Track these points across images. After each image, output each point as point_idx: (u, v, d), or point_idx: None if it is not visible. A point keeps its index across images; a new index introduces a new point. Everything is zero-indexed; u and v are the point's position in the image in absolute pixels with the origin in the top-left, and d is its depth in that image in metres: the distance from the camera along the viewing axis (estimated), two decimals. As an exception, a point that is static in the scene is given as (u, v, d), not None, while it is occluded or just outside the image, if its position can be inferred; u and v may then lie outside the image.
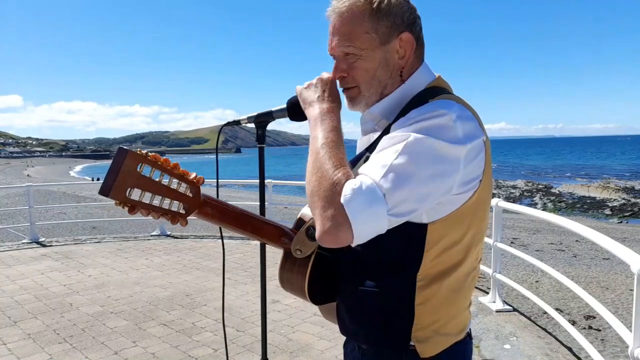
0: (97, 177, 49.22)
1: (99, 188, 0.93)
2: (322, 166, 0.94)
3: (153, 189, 0.96)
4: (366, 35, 1.04)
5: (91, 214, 13.87)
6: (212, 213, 1.05)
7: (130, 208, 0.94)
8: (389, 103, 1.08)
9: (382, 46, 1.05)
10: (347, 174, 0.92)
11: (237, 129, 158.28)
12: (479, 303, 4.53)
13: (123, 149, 0.94)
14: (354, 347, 1.19)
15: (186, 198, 1.01)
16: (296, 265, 1.12)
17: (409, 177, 0.89)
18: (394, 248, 1.02)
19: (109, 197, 0.91)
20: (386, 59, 1.06)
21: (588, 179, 34.39)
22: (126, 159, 0.93)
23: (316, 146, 0.98)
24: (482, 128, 1.00)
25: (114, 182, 0.91)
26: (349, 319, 1.13)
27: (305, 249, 1.09)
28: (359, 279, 1.08)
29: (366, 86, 1.08)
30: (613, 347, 3.79)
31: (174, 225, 7.53)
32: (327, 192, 0.90)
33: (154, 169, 0.96)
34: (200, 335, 3.85)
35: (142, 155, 0.95)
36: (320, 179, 0.92)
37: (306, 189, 0.97)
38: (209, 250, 6.99)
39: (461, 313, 1.10)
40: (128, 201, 0.93)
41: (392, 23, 1.04)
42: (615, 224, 15.73)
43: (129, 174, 0.93)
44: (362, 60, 1.05)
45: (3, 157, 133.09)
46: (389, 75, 1.07)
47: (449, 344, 1.07)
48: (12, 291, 5.06)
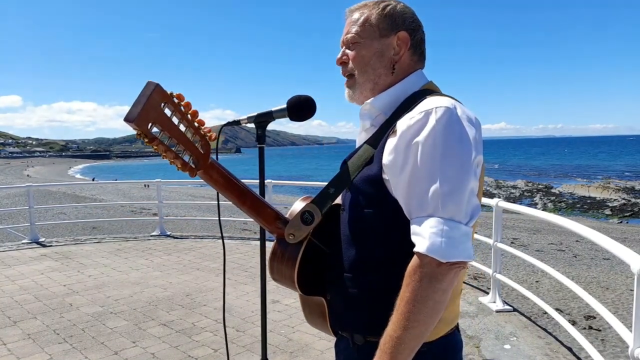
0: (94, 177, 49.13)
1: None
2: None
3: (171, 131, 0.95)
4: (369, 27, 1.16)
5: (91, 214, 13.88)
6: (216, 178, 1.06)
7: (150, 140, 0.92)
8: (388, 99, 1.15)
9: (380, 39, 1.16)
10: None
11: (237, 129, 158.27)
12: (479, 303, 4.52)
13: (152, 82, 0.93)
14: (347, 344, 1.18)
15: (197, 152, 1.00)
16: (287, 251, 1.14)
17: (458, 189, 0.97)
18: (395, 234, 1.05)
19: (133, 125, 0.89)
20: (382, 51, 1.16)
21: (588, 179, 34.38)
22: (154, 92, 0.91)
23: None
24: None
25: (140, 111, 0.89)
26: (345, 309, 1.14)
27: (299, 233, 1.11)
28: (359, 267, 1.11)
29: (360, 71, 1.17)
30: (613, 347, 3.79)
31: (172, 231, 7.45)
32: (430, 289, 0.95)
33: (175, 112, 0.95)
34: (200, 336, 3.85)
35: (167, 94, 0.94)
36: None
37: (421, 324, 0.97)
38: (209, 251, 6.99)
39: (455, 298, 1.14)
40: (149, 133, 0.91)
41: (393, 22, 1.16)
42: (615, 224, 15.73)
43: (154, 108, 0.91)
44: (361, 47, 1.16)
45: (3, 157, 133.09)
46: (383, 66, 1.16)
47: (445, 330, 1.11)
48: (12, 291, 5.06)
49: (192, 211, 14.82)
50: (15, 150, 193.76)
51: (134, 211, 14.60)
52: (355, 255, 1.11)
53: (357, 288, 1.11)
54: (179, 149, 0.97)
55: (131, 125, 0.90)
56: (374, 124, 1.16)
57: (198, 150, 1.00)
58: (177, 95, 0.96)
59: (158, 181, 8.43)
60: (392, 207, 1.04)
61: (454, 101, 1.05)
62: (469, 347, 3.58)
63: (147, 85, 0.92)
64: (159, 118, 0.92)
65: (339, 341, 1.24)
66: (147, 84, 0.92)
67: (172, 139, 0.95)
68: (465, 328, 3.90)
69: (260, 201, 1.14)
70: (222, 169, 1.07)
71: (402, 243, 1.04)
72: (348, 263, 1.12)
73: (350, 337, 1.16)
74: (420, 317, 0.94)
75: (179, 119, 0.96)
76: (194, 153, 1.00)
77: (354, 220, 1.12)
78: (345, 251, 1.13)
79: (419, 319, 0.94)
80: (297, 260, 1.12)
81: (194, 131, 0.99)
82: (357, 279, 1.11)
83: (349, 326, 1.16)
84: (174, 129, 0.95)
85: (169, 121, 0.94)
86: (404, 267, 1.03)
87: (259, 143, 1.49)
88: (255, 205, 1.13)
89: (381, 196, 1.06)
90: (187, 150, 0.99)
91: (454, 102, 1.03)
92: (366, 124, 1.19)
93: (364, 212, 1.10)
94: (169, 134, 0.95)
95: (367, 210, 1.09)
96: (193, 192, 23.29)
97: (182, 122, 0.97)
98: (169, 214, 13.29)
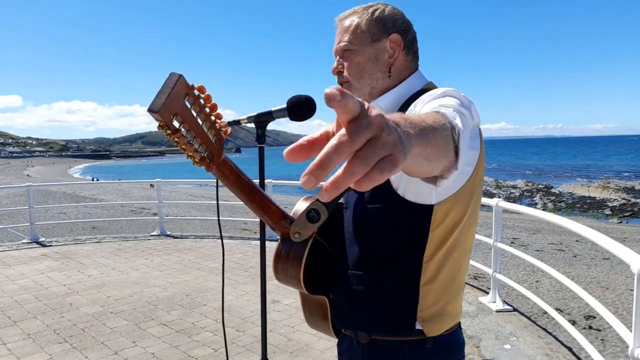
0: (96, 178, 49.10)
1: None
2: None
3: (191, 124, 0.92)
4: (360, 33, 1.17)
5: (91, 214, 13.88)
6: (228, 174, 1.05)
7: (172, 132, 0.89)
8: (391, 99, 1.16)
9: (373, 43, 1.16)
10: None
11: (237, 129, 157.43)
12: (479, 303, 4.52)
13: (176, 73, 0.90)
14: (351, 343, 1.18)
15: (212, 146, 0.98)
16: (292, 251, 1.14)
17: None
18: (400, 230, 1.06)
19: (157, 115, 0.86)
20: (376, 55, 1.16)
21: (588, 179, 34.38)
22: (178, 83, 0.89)
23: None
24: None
25: (165, 101, 0.87)
26: (350, 307, 1.14)
27: (305, 231, 1.09)
28: (363, 264, 1.11)
29: (356, 78, 1.17)
30: (613, 347, 3.79)
31: (172, 231, 7.43)
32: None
33: (195, 105, 0.93)
34: (200, 335, 3.85)
35: (190, 86, 0.92)
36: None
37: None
38: (209, 250, 6.99)
39: (459, 293, 1.15)
40: (171, 125, 0.89)
41: (384, 25, 1.17)
42: (615, 224, 15.72)
43: (177, 100, 0.89)
44: (355, 55, 1.17)
45: (3, 157, 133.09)
46: (379, 70, 1.17)
47: (450, 324, 1.12)
48: (12, 291, 5.06)
49: (192, 211, 14.82)
50: (15, 150, 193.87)
51: (134, 211, 14.60)
52: (359, 253, 1.12)
53: (362, 285, 1.11)
54: (196, 143, 0.95)
55: (154, 115, 0.87)
56: None
57: (213, 144, 0.99)
58: (198, 87, 0.94)
59: (158, 181, 8.43)
60: (396, 203, 1.05)
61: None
62: (469, 347, 3.58)
63: (170, 77, 0.90)
64: (181, 110, 0.90)
65: (342, 341, 1.24)
66: (170, 75, 0.90)
67: (190, 132, 0.93)
68: (465, 328, 3.90)
69: (267, 199, 1.13)
70: (233, 166, 1.06)
71: (405, 239, 1.04)
72: (352, 261, 1.13)
73: (354, 335, 1.16)
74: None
75: (197, 112, 0.94)
76: (209, 147, 0.98)
77: (358, 218, 1.12)
78: (349, 249, 1.14)
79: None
80: (303, 259, 1.11)
81: (210, 125, 0.98)
82: (362, 276, 1.11)
83: (353, 324, 1.16)
84: (193, 122, 0.93)
85: (190, 113, 0.92)
86: (408, 263, 1.04)
87: (259, 143, 1.49)
88: (263, 203, 1.12)
89: (385, 192, 1.06)
90: (203, 144, 0.97)
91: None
92: None
93: (367, 209, 1.10)
94: (188, 127, 0.92)
95: (371, 207, 1.09)
96: (193, 192, 23.30)
97: (199, 115, 0.95)
98: (169, 214, 13.29)
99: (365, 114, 0.44)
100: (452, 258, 1.08)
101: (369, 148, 0.44)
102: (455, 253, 1.09)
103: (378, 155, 0.44)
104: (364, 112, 0.45)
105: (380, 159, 0.44)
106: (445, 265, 1.07)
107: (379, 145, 0.44)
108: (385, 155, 0.45)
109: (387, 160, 0.45)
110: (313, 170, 0.42)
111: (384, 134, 0.45)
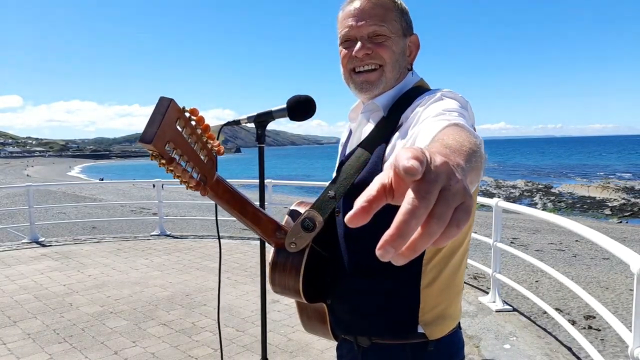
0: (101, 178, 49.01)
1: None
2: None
3: (183, 149, 0.89)
4: (395, 22, 1.12)
5: (91, 213, 13.87)
6: (222, 194, 1.02)
7: (167, 161, 0.86)
8: (389, 97, 1.14)
9: (404, 38, 1.14)
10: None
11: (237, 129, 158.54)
12: (479, 303, 4.52)
13: (166, 97, 0.86)
14: (351, 347, 1.17)
15: (205, 168, 0.96)
16: (289, 261, 1.10)
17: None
18: None
19: (150, 145, 0.82)
20: (403, 51, 1.14)
21: (588, 179, 34.38)
22: (169, 108, 0.85)
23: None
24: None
25: (157, 130, 0.83)
26: (351, 313, 1.12)
27: (300, 242, 1.07)
28: (359, 269, 1.09)
29: (390, 67, 1.12)
30: (613, 347, 3.78)
31: (172, 231, 7.40)
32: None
33: (186, 127, 0.90)
34: (200, 335, 3.85)
35: (181, 109, 0.88)
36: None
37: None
38: (209, 250, 6.99)
39: (459, 294, 1.15)
40: (166, 154, 0.85)
41: (407, 23, 1.15)
42: (615, 224, 15.72)
43: (169, 126, 0.85)
44: (391, 42, 1.11)
45: (3, 157, 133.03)
46: (404, 66, 1.15)
47: (452, 326, 1.12)
48: (12, 291, 5.06)
49: (192, 211, 14.81)
50: (15, 150, 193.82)
51: (134, 211, 14.58)
52: (356, 258, 1.10)
53: (361, 291, 1.09)
54: (189, 167, 0.92)
55: (147, 147, 0.83)
56: (370, 121, 1.16)
57: (205, 165, 0.96)
58: (190, 110, 0.91)
59: (158, 181, 8.43)
60: (393, 205, 1.03)
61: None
62: (469, 346, 3.58)
63: (160, 102, 0.85)
64: (174, 136, 0.86)
65: (341, 345, 1.22)
66: (160, 99, 0.86)
67: (183, 157, 0.90)
68: (465, 328, 3.90)
69: (260, 212, 1.10)
70: (226, 184, 1.03)
71: None
72: (350, 266, 1.11)
73: (355, 340, 1.14)
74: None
75: (189, 135, 0.91)
76: (202, 169, 0.95)
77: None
78: (344, 254, 1.12)
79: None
80: (300, 270, 1.07)
81: (202, 146, 0.95)
82: (361, 282, 1.09)
83: (353, 329, 1.14)
84: (185, 146, 0.89)
85: (182, 138, 0.89)
86: (408, 267, 1.03)
87: (259, 143, 1.49)
88: (256, 218, 1.08)
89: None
90: (196, 166, 0.94)
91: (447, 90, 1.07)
92: (363, 121, 1.18)
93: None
94: (180, 152, 0.89)
95: None
96: (193, 192, 23.20)
97: (191, 137, 0.92)
98: (168, 214, 13.28)
99: (429, 167, 0.42)
100: (452, 261, 1.07)
101: (443, 205, 0.41)
102: (455, 256, 1.08)
103: (452, 209, 0.41)
104: (429, 165, 0.42)
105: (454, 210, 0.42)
106: (445, 267, 1.06)
107: (450, 198, 0.42)
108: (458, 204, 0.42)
109: (461, 209, 0.42)
110: (392, 242, 0.40)
111: (453, 182, 0.42)
